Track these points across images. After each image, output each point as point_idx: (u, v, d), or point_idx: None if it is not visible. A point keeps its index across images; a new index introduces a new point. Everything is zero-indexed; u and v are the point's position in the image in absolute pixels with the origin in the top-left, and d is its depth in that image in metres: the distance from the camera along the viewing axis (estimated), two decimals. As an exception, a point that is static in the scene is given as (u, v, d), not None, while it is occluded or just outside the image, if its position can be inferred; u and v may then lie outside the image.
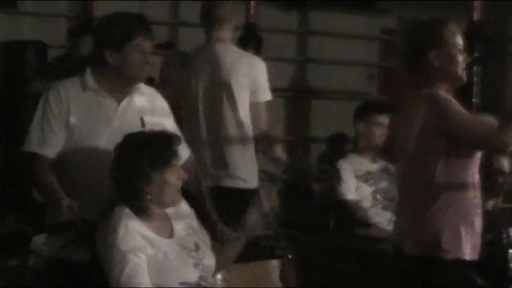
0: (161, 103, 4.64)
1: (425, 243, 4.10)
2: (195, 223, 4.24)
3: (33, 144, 4.37)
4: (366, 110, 6.84)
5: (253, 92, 5.53)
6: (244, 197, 5.32)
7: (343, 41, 11.54)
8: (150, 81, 9.65)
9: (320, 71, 11.59)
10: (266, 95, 5.58)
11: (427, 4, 9.82)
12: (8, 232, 6.74)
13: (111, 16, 4.59)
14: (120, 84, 4.45)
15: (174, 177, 4.05)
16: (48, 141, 4.35)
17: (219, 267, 4.19)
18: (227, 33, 5.70)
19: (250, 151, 5.57)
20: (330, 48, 11.44)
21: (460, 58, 4.23)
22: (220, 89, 5.52)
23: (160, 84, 5.85)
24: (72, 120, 4.35)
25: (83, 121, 4.37)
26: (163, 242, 4.01)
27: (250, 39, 10.13)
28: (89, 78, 4.41)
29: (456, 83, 4.31)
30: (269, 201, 5.92)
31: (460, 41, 4.25)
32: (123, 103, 4.43)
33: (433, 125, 4.05)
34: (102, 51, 4.40)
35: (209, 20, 5.69)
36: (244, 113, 5.51)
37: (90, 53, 4.65)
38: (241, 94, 5.51)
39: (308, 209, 8.74)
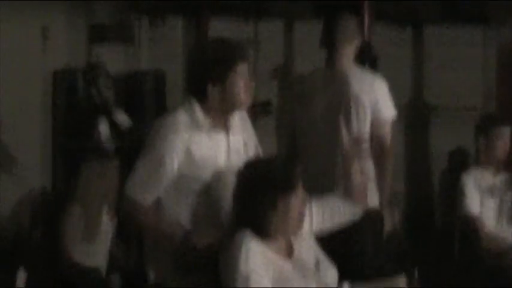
0: (249, 124, 4.53)
1: None
2: (312, 240, 4.24)
3: (136, 193, 4.24)
4: (487, 123, 6.80)
5: (376, 109, 5.54)
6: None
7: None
8: (267, 104, 9.77)
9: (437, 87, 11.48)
10: (390, 111, 5.60)
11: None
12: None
13: (206, 45, 4.57)
14: (224, 115, 4.29)
15: (298, 203, 4.00)
16: (153, 190, 4.23)
17: None
18: (349, 53, 5.73)
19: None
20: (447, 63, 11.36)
21: None
22: (339, 109, 5.53)
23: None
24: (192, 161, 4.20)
25: (201, 162, 4.21)
26: (285, 263, 4.01)
27: (367, 58, 10.12)
28: (199, 112, 4.22)
29: None
30: (392, 221, 5.84)
31: None
32: (234, 129, 4.33)
33: None
34: (204, 83, 4.20)
35: (331, 41, 5.70)
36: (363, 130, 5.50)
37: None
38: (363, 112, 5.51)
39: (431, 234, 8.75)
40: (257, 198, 3.96)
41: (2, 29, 8.84)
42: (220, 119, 4.27)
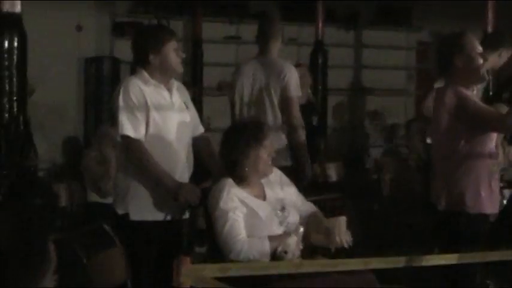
0: (187, 92, 4.55)
1: (452, 201, 4.11)
2: (279, 180, 4.19)
3: (128, 130, 4.16)
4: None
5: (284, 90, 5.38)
6: None
7: (388, 51, 11.60)
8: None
9: (372, 75, 11.65)
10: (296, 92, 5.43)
11: (451, 21, 9.79)
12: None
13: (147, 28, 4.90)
14: (164, 78, 4.33)
15: (265, 154, 4.04)
16: (140, 127, 4.18)
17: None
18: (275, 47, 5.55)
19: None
20: (379, 57, 11.53)
21: (479, 61, 4.15)
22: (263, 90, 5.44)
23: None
24: (151, 107, 4.21)
25: (155, 108, 4.23)
26: (257, 204, 4.00)
27: (319, 53, 10.25)
28: (146, 76, 4.26)
29: (476, 81, 4.27)
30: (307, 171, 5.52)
31: (478, 47, 4.17)
32: (174, 91, 4.36)
33: (456, 112, 4.05)
34: (146, 54, 4.25)
35: (259, 38, 5.58)
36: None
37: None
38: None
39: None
40: (235, 150, 4.01)
41: (46, 24, 8.83)
42: (161, 82, 4.31)
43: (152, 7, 10.04)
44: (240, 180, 4.03)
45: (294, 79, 5.38)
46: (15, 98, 6.50)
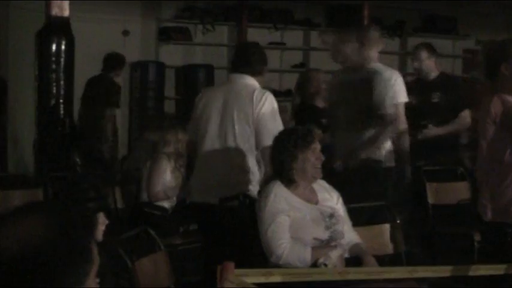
0: None
1: (498, 212, 4.04)
2: (336, 199, 4.18)
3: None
4: None
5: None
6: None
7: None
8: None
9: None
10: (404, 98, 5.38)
11: (497, 28, 9.69)
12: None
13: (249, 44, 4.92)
14: None
15: (313, 157, 4.04)
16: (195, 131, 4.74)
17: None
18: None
19: None
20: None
21: None
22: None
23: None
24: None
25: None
26: (304, 207, 4.00)
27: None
28: None
29: None
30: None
31: None
32: None
33: (501, 121, 3.98)
34: None
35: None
36: None
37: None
38: None
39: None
40: (284, 153, 4.02)
41: (97, 29, 8.96)
42: None
43: (198, 12, 10.11)
44: (289, 183, 4.03)
45: (401, 85, 5.31)
46: (61, 100, 6.59)
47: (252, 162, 4.54)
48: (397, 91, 5.23)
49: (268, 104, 4.53)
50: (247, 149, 4.50)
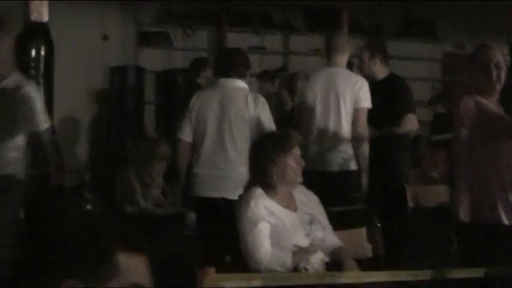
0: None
1: (471, 212, 4.06)
2: (315, 205, 4.15)
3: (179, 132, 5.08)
4: None
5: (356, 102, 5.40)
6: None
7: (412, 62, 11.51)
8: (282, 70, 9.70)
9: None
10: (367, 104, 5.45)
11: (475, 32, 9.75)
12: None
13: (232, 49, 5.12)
14: None
15: (293, 162, 4.00)
16: (189, 130, 5.07)
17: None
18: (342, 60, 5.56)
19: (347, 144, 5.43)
20: (403, 68, 11.40)
21: (491, 72, 4.06)
22: (332, 100, 5.45)
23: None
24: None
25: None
26: (285, 214, 3.96)
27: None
28: None
29: (489, 91, 4.12)
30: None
31: (498, 59, 4.08)
32: None
33: (472, 121, 4.02)
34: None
35: (328, 49, 5.60)
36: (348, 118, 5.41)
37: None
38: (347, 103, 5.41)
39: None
40: (263, 157, 3.98)
41: (74, 34, 8.93)
42: None
43: (177, 17, 10.09)
44: (269, 189, 3.99)
45: (367, 92, 5.39)
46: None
47: None
48: (360, 97, 5.33)
49: (263, 104, 4.93)
50: (247, 148, 4.54)
